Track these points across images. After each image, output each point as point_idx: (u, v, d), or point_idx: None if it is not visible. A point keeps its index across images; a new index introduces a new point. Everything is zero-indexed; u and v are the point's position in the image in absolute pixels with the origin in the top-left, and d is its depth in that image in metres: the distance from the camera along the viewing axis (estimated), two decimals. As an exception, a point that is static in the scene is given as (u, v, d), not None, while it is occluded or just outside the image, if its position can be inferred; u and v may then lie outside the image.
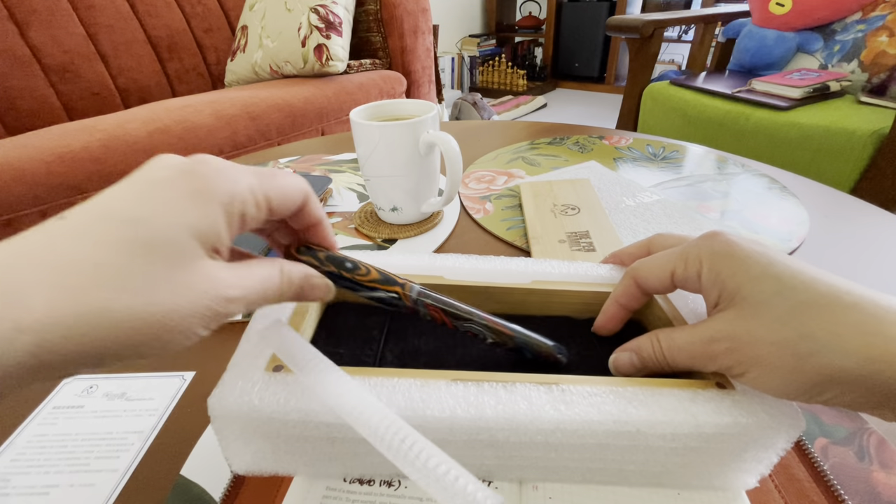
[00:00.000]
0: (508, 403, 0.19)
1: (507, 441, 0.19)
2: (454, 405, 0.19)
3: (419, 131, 0.41)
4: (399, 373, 0.20)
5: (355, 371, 0.21)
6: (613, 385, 0.20)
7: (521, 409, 0.19)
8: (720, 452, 0.20)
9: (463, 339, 0.26)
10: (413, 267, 0.28)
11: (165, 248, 0.14)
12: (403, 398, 0.19)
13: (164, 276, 0.14)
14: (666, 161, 0.61)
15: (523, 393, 0.19)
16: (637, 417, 0.18)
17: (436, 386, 0.20)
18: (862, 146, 0.93)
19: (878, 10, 1.15)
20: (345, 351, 0.25)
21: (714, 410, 0.19)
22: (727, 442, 0.19)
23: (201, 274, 0.15)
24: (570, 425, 0.18)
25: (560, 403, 0.19)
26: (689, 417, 0.19)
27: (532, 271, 0.28)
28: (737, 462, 0.20)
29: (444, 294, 0.25)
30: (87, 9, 1.17)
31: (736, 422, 0.18)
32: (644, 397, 0.19)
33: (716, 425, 0.18)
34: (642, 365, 0.22)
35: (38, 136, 0.85)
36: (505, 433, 0.19)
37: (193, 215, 0.15)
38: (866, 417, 0.25)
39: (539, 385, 0.20)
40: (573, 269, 0.28)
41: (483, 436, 0.19)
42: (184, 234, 0.15)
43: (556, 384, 0.20)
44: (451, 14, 2.99)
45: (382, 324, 0.27)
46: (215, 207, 0.16)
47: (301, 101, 1.13)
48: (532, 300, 0.27)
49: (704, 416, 0.19)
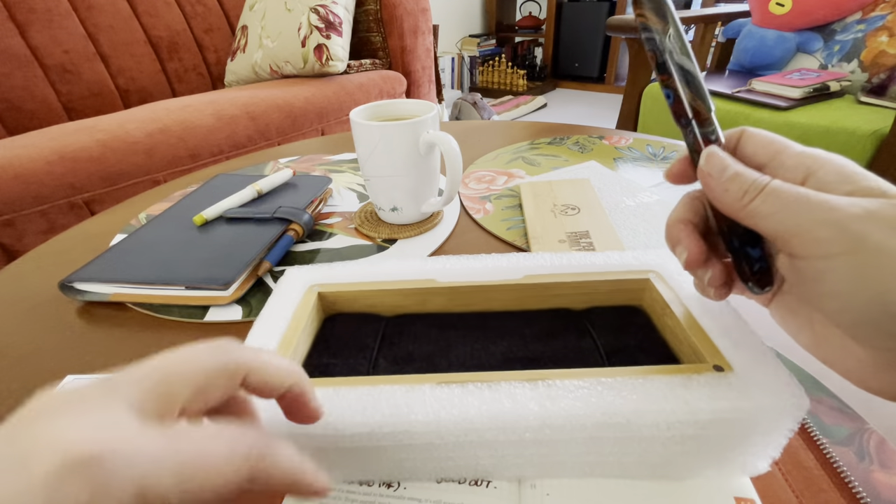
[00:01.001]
0: (492, 403, 0.19)
1: (497, 440, 0.19)
2: (438, 408, 0.19)
3: (419, 131, 0.41)
4: (384, 380, 0.21)
5: (342, 382, 0.21)
6: (602, 376, 0.20)
7: (506, 407, 0.19)
8: (722, 438, 0.19)
9: (455, 341, 0.26)
10: (404, 272, 0.28)
11: None
12: (388, 405, 0.19)
13: None
14: (666, 161, 0.61)
15: (508, 391, 0.19)
16: (625, 408, 0.18)
17: (421, 390, 0.20)
18: (862, 146, 0.93)
19: (878, 10, 1.15)
20: (339, 361, 0.25)
21: (709, 395, 0.18)
22: (727, 427, 0.18)
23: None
24: (557, 420, 0.18)
25: (545, 399, 0.19)
26: (682, 404, 0.18)
27: (524, 266, 0.28)
28: (742, 447, 0.19)
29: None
30: (87, 9, 1.17)
31: (734, 405, 0.18)
32: (634, 386, 0.19)
33: (712, 410, 0.18)
34: (732, 178, 0.18)
35: (38, 136, 0.85)
36: (493, 432, 0.19)
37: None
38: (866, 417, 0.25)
39: (524, 382, 0.20)
40: (565, 261, 0.28)
41: (471, 437, 0.19)
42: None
43: (542, 380, 0.20)
44: (451, 14, 2.99)
45: (377, 331, 0.27)
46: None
47: (301, 101, 1.13)
48: (527, 295, 0.27)
49: (699, 402, 0.18)
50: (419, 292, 0.27)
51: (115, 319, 0.37)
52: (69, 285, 0.38)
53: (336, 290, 0.28)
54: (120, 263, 0.40)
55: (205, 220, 0.45)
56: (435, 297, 0.28)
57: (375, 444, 0.19)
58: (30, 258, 0.46)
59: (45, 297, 0.39)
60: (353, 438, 0.19)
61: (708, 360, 0.20)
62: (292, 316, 0.25)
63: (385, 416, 0.19)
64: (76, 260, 0.44)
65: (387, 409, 0.19)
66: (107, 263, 0.39)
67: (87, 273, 0.38)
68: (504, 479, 0.22)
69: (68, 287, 0.38)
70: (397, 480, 0.22)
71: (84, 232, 0.50)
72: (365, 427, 0.19)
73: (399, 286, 0.27)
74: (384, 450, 0.20)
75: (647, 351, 0.25)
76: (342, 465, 0.21)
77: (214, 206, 0.46)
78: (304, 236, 0.45)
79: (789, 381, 0.19)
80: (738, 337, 0.21)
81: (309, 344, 0.26)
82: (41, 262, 0.45)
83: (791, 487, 0.22)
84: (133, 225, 0.51)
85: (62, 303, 0.38)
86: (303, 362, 0.25)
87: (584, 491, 0.21)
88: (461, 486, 0.22)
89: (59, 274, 0.40)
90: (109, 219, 0.53)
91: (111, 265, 0.39)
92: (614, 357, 0.24)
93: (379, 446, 0.19)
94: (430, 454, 0.20)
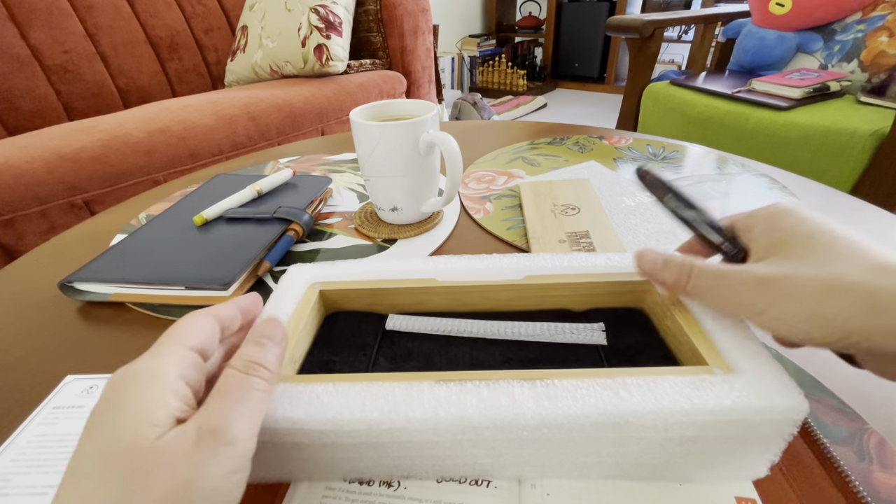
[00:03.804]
0: (490, 401, 0.19)
1: (494, 439, 0.19)
2: (436, 406, 0.19)
3: (419, 131, 0.41)
4: (383, 377, 0.21)
5: (341, 378, 0.21)
6: (602, 377, 0.20)
7: (504, 406, 0.19)
8: (721, 441, 0.19)
9: (455, 340, 0.26)
10: (405, 271, 0.28)
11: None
12: (386, 402, 0.19)
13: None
14: (666, 161, 0.61)
15: (506, 390, 0.19)
16: (624, 408, 0.18)
17: (419, 388, 0.20)
18: (862, 146, 0.93)
19: (878, 10, 1.15)
20: (339, 358, 0.25)
21: (709, 397, 0.18)
22: (727, 429, 0.18)
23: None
24: (555, 420, 0.18)
25: (544, 399, 0.19)
26: (681, 406, 0.18)
27: (525, 266, 0.28)
28: (741, 450, 0.19)
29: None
30: (87, 9, 1.17)
31: (734, 407, 0.18)
32: (633, 387, 0.19)
33: (711, 412, 0.18)
34: (664, 267, 0.23)
35: (38, 136, 0.85)
36: (490, 431, 0.19)
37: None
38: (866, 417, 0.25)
39: (523, 381, 0.20)
40: (566, 262, 0.28)
41: (469, 434, 0.19)
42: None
43: (541, 379, 0.20)
44: (451, 14, 2.99)
45: (377, 330, 0.27)
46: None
47: (301, 101, 1.13)
48: (527, 295, 0.27)
49: (698, 404, 0.18)
50: (420, 291, 0.27)
51: (115, 319, 0.37)
52: (69, 285, 0.38)
53: (337, 288, 0.28)
54: (120, 263, 0.40)
55: (205, 220, 0.45)
56: (435, 296, 0.28)
57: (374, 441, 0.19)
58: (30, 258, 0.46)
59: (45, 297, 0.39)
60: (350, 434, 0.19)
61: (708, 363, 0.20)
62: (293, 313, 0.25)
63: (383, 412, 0.19)
64: (76, 260, 0.44)
65: (385, 405, 0.19)
66: (107, 263, 0.39)
67: (87, 273, 0.38)
68: (503, 479, 0.22)
69: (68, 287, 0.38)
70: (395, 479, 0.22)
71: (84, 232, 0.50)
72: (363, 423, 0.19)
73: (400, 285, 0.27)
74: (382, 447, 0.20)
75: (648, 353, 0.24)
76: (341, 462, 0.21)
77: (214, 206, 0.46)
78: (304, 236, 0.45)
79: (789, 385, 0.19)
80: (739, 340, 0.21)
81: (310, 341, 0.26)
82: (41, 262, 0.45)
83: (792, 487, 0.22)
84: (133, 225, 0.51)
85: (62, 303, 0.38)
86: (303, 359, 0.25)
87: (585, 491, 0.21)
88: (461, 485, 0.22)
89: (59, 274, 0.40)
90: (109, 219, 0.53)
91: (111, 265, 0.39)
92: (614, 358, 0.24)
93: (377, 443, 0.19)
94: (427, 452, 0.20)
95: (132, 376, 0.17)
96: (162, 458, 0.15)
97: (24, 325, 0.36)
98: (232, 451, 0.16)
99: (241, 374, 0.18)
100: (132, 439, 0.15)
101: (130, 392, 0.16)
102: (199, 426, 0.16)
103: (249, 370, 0.18)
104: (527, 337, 0.26)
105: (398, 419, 0.19)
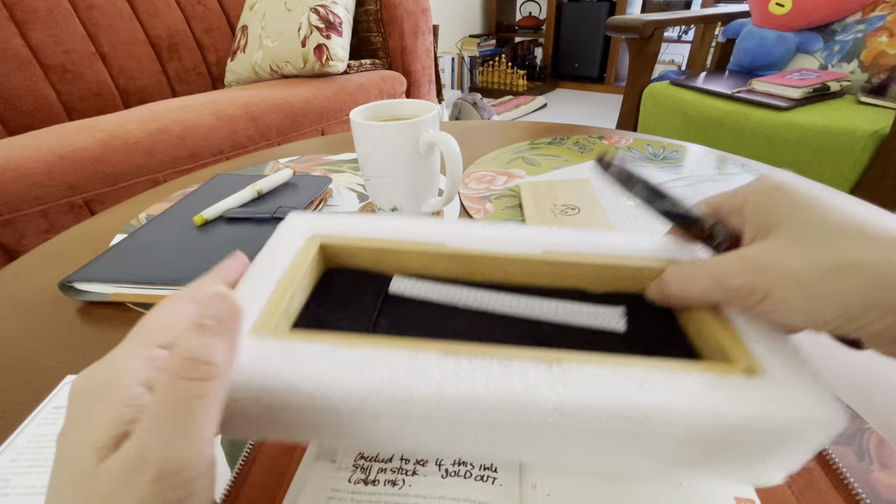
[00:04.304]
0: (501, 382, 0.17)
1: (500, 422, 0.17)
2: (442, 381, 0.17)
3: (419, 131, 0.41)
4: (387, 342, 0.19)
5: (340, 339, 0.19)
6: (623, 366, 0.18)
7: (516, 388, 0.17)
8: (742, 445, 0.17)
9: (462, 312, 0.24)
10: (413, 233, 0.26)
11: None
12: (388, 370, 0.17)
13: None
14: (666, 161, 0.61)
15: (519, 370, 0.18)
16: (647, 403, 0.17)
17: (425, 359, 0.18)
18: (862, 146, 0.93)
19: (878, 10, 1.15)
20: (336, 317, 0.23)
21: (739, 399, 0.17)
22: (751, 435, 0.17)
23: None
24: (570, 408, 0.17)
25: (559, 385, 0.17)
26: (706, 405, 0.17)
27: (543, 241, 0.26)
28: (761, 457, 0.18)
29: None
30: (87, 9, 1.17)
31: (763, 413, 0.16)
32: (657, 380, 0.17)
33: (737, 416, 0.16)
34: (661, 293, 0.22)
35: (38, 136, 0.85)
36: (497, 413, 0.17)
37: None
38: (866, 417, 0.25)
39: (538, 362, 0.18)
40: (587, 239, 0.26)
41: (474, 414, 0.17)
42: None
43: (558, 362, 0.18)
44: (451, 14, 2.99)
45: (378, 291, 0.25)
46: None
47: (301, 101, 1.13)
48: (544, 271, 0.25)
49: (724, 405, 0.17)
50: (427, 256, 0.25)
51: (115, 319, 0.37)
52: (69, 285, 0.38)
53: (339, 242, 0.25)
54: (120, 263, 0.40)
55: (205, 220, 0.45)
56: (444, 263, 0.25)
57: (371, 410, 0.18)
58: (30, 258, 0.46)
59: (45, 297, 0.39)
60: (345, 402, 0.17)
61: (737, 361, 0.19)
62: (290, 264, 0.23)
63: (384, 382, 0.17)
64: (76, 260, 0.44)
65: (387, 374, 0.17)
66: (107, 263, 0.39)
67: (87, 273, 0.38)
68: (503, 463, 0.22)
69: (68, 287, 0.38)
70: (386, 452, 0.22)
71: (84, 232, 0.50)
72: (360, 391, 0.17)
73: (406, 247, 0.25)
74: (376, 417, 0.18)
75: (667, 343, 0.23)
76: (333, 428, 0.19)
77: (214, 207, 0.46)
78: (305, 236, 0.45)
79: (827, 394, 0.17)
80: (773, 338, 0.19)
81: (306, 296, 0.24)
82: (41, 262, 0.45)
83: (791, 488, 0.22)
84: (133, 225, 0.51)
85: (62, 303, 0.38)
86: (298, 315, 0.23)
87: (585, 491, 0.21)
88: (466, 480, 0.22)
89: (59, 274, 0.40)
90: (109, 219, 0.53)
91: (111, 265, 0.39)
92: (630, 346, 0.23)
93: (373, 412, 0.18)
94: (425, 426, 0.18)
95: (85, 390, 0.15)
96: (99, 488, 0.13)
97: (24, 325, 0.36)
98: (165, 484, 0.13)
99: (175, 379, 0.14)
100: (75, 466, 0.14)
101: (84, 407, 0.15)
102: (124, 457, 0.13)
103: (185, 372, 0.14)
104: (541, 315, 0.24)
105: (400, 391, 0.17)
